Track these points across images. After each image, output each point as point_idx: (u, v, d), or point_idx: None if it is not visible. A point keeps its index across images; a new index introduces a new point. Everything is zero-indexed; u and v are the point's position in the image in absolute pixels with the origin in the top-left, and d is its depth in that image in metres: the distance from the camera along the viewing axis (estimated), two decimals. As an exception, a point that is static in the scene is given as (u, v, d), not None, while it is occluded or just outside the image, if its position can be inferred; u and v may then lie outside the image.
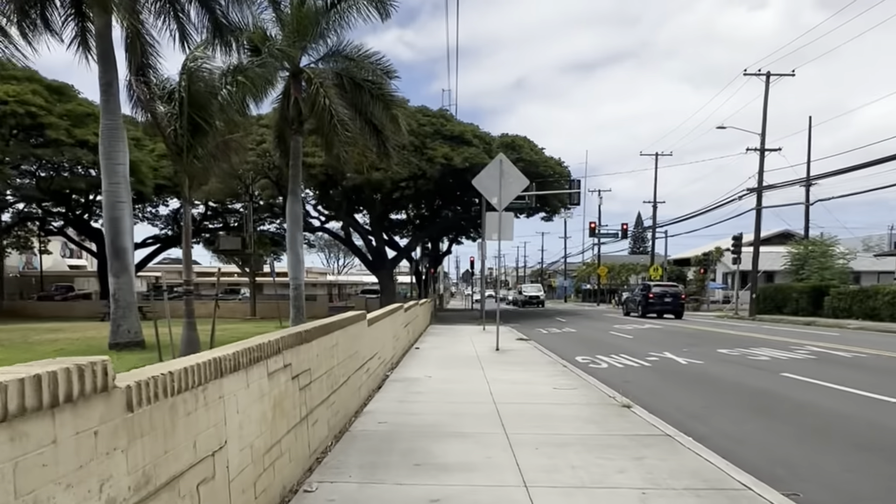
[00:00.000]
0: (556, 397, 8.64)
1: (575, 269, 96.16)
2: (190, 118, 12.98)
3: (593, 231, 62.70)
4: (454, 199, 41.17)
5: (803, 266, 39.16)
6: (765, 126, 36.43)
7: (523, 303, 64.05)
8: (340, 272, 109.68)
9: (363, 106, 22.35)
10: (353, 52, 22.49)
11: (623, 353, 15.37)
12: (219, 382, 3.22)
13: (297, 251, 22.15)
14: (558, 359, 13.78)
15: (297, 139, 21.86)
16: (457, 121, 37.05)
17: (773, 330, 24.68)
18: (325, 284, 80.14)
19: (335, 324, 6.25)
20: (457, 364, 12.50)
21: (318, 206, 45.75)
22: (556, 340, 20.40)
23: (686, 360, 13.95)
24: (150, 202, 49.00)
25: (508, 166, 15.80)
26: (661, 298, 35.13)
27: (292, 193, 22.12)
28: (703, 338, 20.52)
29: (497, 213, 15.77)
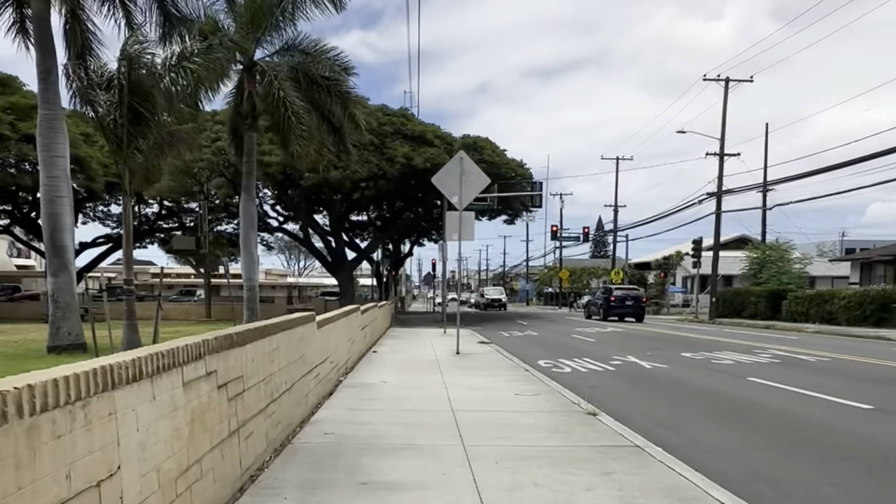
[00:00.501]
0: (518, 404, 8.15)
1: (537, 272, 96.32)
2: (131, 107, 12.19)
3: (555, 234, 62.71)
4: (415, 201, 40.60)
5: (761, 270, 39.51)
6: (724, 131, 36.68)
7: (485, 306, 63.74)
8: (301, 274, 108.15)
9: (320, 103, 21.68)
10: (310, 47, 21.82)
11: (586, 357, 14.98)
12: (108, 396, 2.63)
13: (252, 251, 21.38)
14: (520, 363, 13.32)
15: (251, 135, 21.09)
16: (418, 120, 36.50)
17: (733, 333, 24.64)
18: (286, 286, 78.96)
19: (275, 326, 5.65)
20: (415, 368, 11.94)
21: (276, 207, 44.82)
22: (518, 344, 19.96)
23: (650, 364, 13.60)
24: (101, 200, 47.49)
25: (469, 164, 15.32)
26: (623, 302, 35.04)
27: (246, 191, 21.34)
28: (665, 341, 20.30)
29: (457, 212, 15.28)
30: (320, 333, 8.24)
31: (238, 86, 21.36)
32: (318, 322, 8.19)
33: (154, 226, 51.24)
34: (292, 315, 6.84)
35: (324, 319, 8.76)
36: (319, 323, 8.26)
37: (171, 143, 13.56)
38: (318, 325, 8.16)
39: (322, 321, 8.51)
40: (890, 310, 27.90)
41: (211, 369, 3.92)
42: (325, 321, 8.82)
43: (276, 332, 5.62)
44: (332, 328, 9.58)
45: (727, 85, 36.34)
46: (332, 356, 9.46)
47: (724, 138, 36.57)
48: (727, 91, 36.31)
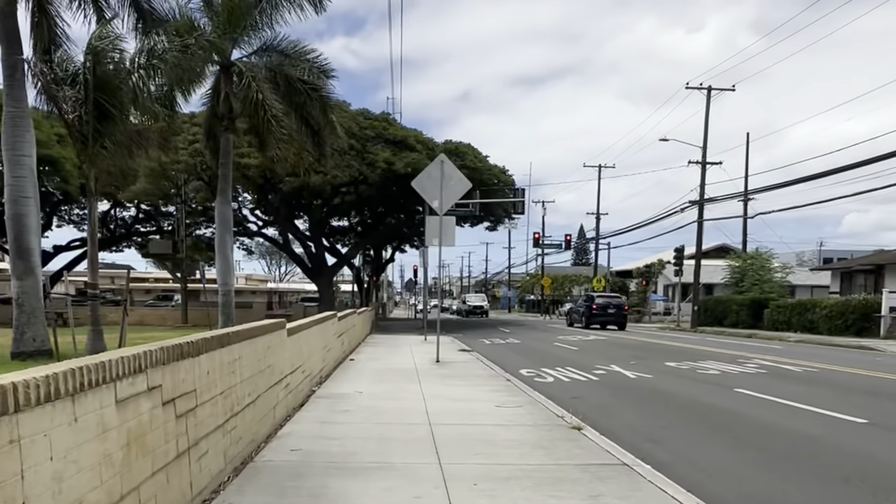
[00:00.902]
0: (499, 417, 7.75)
1: (519, 279, 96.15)
2: (97, 104, 11.67)
3: (537, 241, 62.59)
4: (397, 207, 40.16)
5: (742, 279, 39.47)
6: (706, 139, 36.68)
7: (467, 313, 63.31)
8: (282, 280, 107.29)
9: (300, 106, 21.22)
10: (289, 48, 21.37)
11: (569, 366, 14.62)
12: (9, 421, 2.19)
13: (227, 255, 20.83)
14: (502, 372, 12.93)
15: (227, 136, 20.57)
16: (399, 125, 36.14)
17: (717, 342, 24.43)
18: (266, 292, 78.27)
19: (237, 334, 5.21)
20: (392, 377, 11.50)
21: (255, 211, 44.22)
22: (500, 352, 19.58)
23: (634, 373, 13.26)
24: (77, 203, 46.63)
25: (450, 168, 14.94)
26: (605, 310, 34.79)
27: (222, 194, 20.80)
28: (648, 350, 20.00)
29: (438, 217, 14.88)
30: (291, 342, 7.79)
31: (214, 86, 20.87)
32: (289, 330, 7.75)
33: (131, 229, 50.41)
34: (259, 322, 6.40)
35: (295, 327, 8.32)
36: (290, 331, 7.81)
37: (139, 143, 13.03)
38: (289, 333, 7.71)
39: (293, 329, 8.06)
40: (871, 319, 27.87)
41: (154, 384, 3.48)
42: (297, 329, 8.38)
43: (237, 340, 5.18)
44: (305, 336, 9.13)
45: (709, 94, 36.36)
46: (305, 365, 9.01)
47: (706, 147, 36.56)
48: (709, 99, 36.34)
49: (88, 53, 11.85)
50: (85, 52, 12.06)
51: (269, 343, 6.47)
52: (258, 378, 5.92)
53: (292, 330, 7.99)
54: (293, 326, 8.14)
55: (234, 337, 5.06)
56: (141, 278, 79.25)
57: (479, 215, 40.21)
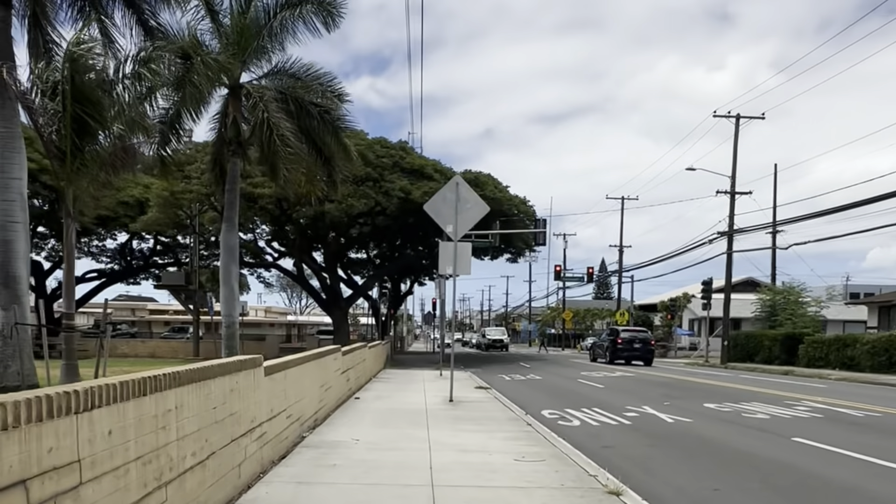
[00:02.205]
0: (518, 474, 6.42)
1: (539, 313, 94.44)
2: (76, 117, 10.68)
3: (559, 274, 61.10)
4: (415, 238, 39.10)
5: (774, 313, 37.70)
6: (735, 168, 35.25)
7: (486, 346, 61.74)
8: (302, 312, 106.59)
9: (312, 131, 20.28)
10: (301, 72, 20.46)
11: (596, 407, 13.21)
12: None
13: (232, 285, 19.72)
14: (521, 413, 11.59)
15: (234, 161, 19.62)
16: (417, 154, 35.18)
17: (752, 380, 22.77)
18: (285, 324, 77.47)
19: (174, 377, 3.99)
20: (397, 421, 10.20)
21: (272, 243, 43.44)
22: (520, 389, 18.19)
23: (671, 417, 11.82)
24: (96, 235, 46.24)
25: (466, 190, 13.77)
26: (630, 344, 33.18)
27: (228, 221, 19.77)
28: (681, 388, 18.48)
29: (452, 243, 13.67)
30: (269, 382, 6.56)
31: (223, 110, 20.01)
32: (268, 368, 6.52)
33: (149, 261, 49.90)
34: (219, 360, 5.19)
35: (278, 364, 7.09)
36: (270, 369, 6.58)
37: (125, 161, 12.00)
38: (267, 372, 6.48)
39: (274, 367, 6.83)
40: (918, 356, 26.07)
41: (-16, 459, 2.27)
42: (280, 366, 7.14)
43: (174, 385, 3.96)
44: (295, 374, 7.89)
45: (738, 122, 35.03)
46: (293, 409, 7.76)
47: (734, 176, 35.16)
48: (738, 128, 35.00)
49: (66, 61, 10.92)
50: (62, 59, 11.12)
51: (233, 385, 5.24)
52: (212, 431, 4.68)
53: (273, 368, 6.76)
54: (274, 364, 6.92)
55: (167, 381, 3.85)
56: (160, 310, 78.85)
57: (500, 247, 38.99)
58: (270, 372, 6.62)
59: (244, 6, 19.27)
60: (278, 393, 6.99)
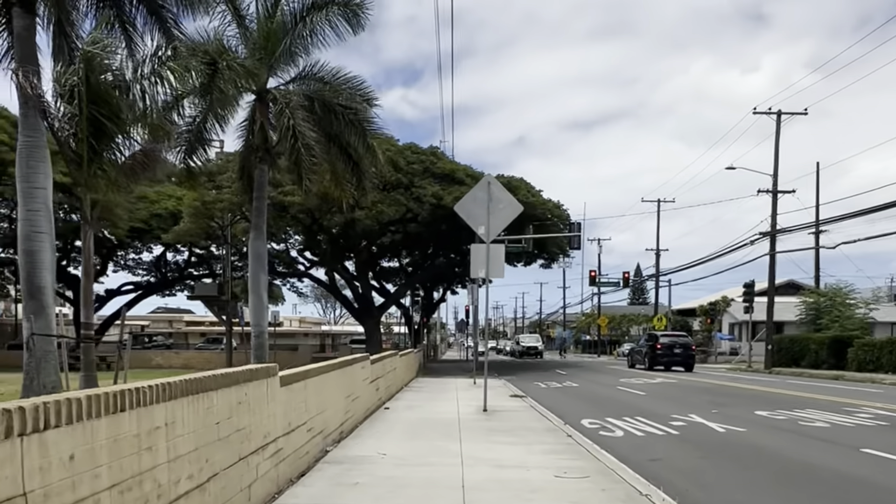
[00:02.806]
0: (560, 494, 5.80)
1: (574, 319, 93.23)
2: (93, 119, 10.36)
3: (593, 279, 60.08)
4: (448, 245, 38.57)
5: (819, 316, 36.31)
6: (776, 166, 34.11)
7: (520, 353, 60.90)
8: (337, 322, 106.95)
9: (339, 134, 19.91)
10: (329, 76, 20.10)
11: (639, 416, 12.48)
12: None
13: (261, 294, 19.35)
14: (560, 423, 10.93)
15: (261, 168, 19.30)
16: (448, 159, 34.67)
17: (802, 385, 21.74)
18: (319, 334, 77.75)
19: (165, 388, 3.47)
20: (429, 432, 9.63)
21: (304, 252, 43.34)
22: (557, 397, 17.51)
23: (721, 425, 11.05)
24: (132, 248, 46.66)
25: (498, 189, 13.19)
26: (670, 349, 32.16)
27: (255, 229, 19.43)
28: (728, 395, 17.61)
29: (484, 245, 13.08)
30: (287, 393, 6.04)
31: (250, 116, 19.77)
32: (285, 378, 6.00)
33: (184, 273, 50.23)
34: (227, 370, 4.68)
35: (297, 374, 6.57)
36: (287, 378, 6.07)
37: (145, 165, 11.66)
38: (284, 382, 5.97)
39: (292, 376, 6.32)
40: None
41: None
42: (300, 376, 6.63)
43: (160, 399, 3.44)
44: (316, 384, 7.38)
45: (779, 118, 33.91)
46: (315, 421, 7.24)
47: (776, 174, 34.02)
48: (779, 125, 33.88)
49: (81, 61, 10.62)
50: (78, 59, 10.83)
51: (241, 398, 4.72)
52: (214, 449, 4.16)
53: (291, 377, 6.25)
54: (293, 373, 6.40)
55: (153, 393, 3.33)
56: (197, 322, 79.68)
57: (533, 252, 38.26)
58: (288, 382, 6.11)
59: (271, 10, 19.00)
60: (297, 404, 6.47)
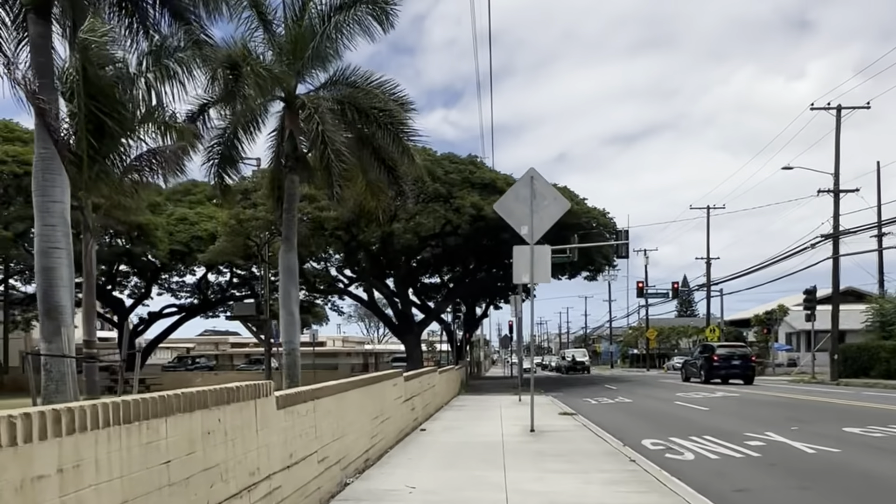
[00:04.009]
0: (631, 541, 4.53)
1: (620, 333, 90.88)
2: (92, 116, 9.47)
3: (641, 291, 58.13)
4: (489, 259, 37.32)
5: (890, 323, 33.94)
6: (837, 164, 31.99)
7: (567, 369, 59.05)
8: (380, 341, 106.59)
9: (372, 138, 18.95)
10: (361, 80, 19.13)
11: (707, 435, 11.04)
12: None
13: (292, 310, 18.36)
14: (618, 445, 9.59)
15: (292, 178, 18.37)
16: (487, 168, 33.44)
17: (884, 398, 19.77)
18: (362, 353, 77.40)
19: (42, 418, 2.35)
20: (467, 459, 8.39)
21: (343, 270, 42.63)
22: (610, 414, 16.08)
23: (808, 445, 9.55)
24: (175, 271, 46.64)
25: (542, 185, 11.93)
26: (728, 361, 30.24)
27: (286, 242, 18.50)
28: (802, 409, 15.94)
29: (528, 246, 11.84)
30: (287, 417, 4.89)
31: (279, 125, 18.94)
32: (285, 398, 4.86)
33: (227, 294, 50.06)
34: (185, 390, 3.54)
35: (302, 393, 5.42)
36: (287, 399, 4.92)
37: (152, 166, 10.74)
38: (284, 403, 4.83)
39: (295, 396, 5.17)
40: None
41: None
42: (306, 395, 5.47)
43: (62, 432, 2.31)
44: (331, 405, 6.22)
45: (839, 113, 31.89)
46: (329, 449, 6.08)
47: (838, 172, 31.92)
48: (839, 120, 31.84)
49: (76, 51, 9.76)
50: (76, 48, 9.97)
51: (211, 425, 3.58)
52: (157, 500, 3.02)
53: (293, 398, 5.10)
54: (295, 393, 5.25)
55: (44, 424, 2.21)
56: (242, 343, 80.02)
57: (578, 263, 36.72)
58: (289, 403, 4.96)
59: (298, 13, 18.18)
60: (303, 430, 5.32)
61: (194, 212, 41.46)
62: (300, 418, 5.27)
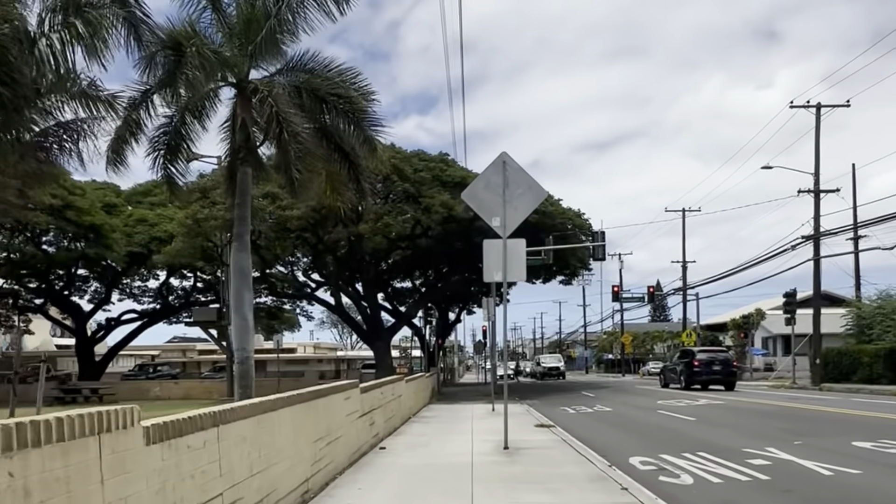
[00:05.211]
0: None
1: (594, 339, 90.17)
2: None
3: (616, 295, 57.17)
4: (462, 262, 35.99)
5: (870, 326, 33.23)
6: (818, 164, 31.22)
7: (542, 375, 57.93)
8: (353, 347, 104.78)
9: (331, 128, 17.56)
10: (320, 67, 17.70)
11: (702, 451, 9.80)
12: None
13: (245, 314, 16.78)
14: (604, 465, 8.31)
15: (244, 171, 16.86)
16: (459, 166, 32.15)
17: (877, 405, 18.75)
18: (334, 360, 75.72)
19: None
20: (429, 487, 7.03)
21: (310, 274, 41.14)
22: (591, 426, 14.84)
23: (822, 465, 8.33)
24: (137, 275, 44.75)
25: (516, 171, 10.60)
26: (709, 366, 29.21)
27: (238, 239, 16.94)
28: (797, 419, 14.80)
29: (500, 241, 10.51)
30: (165, 456, 3.50)
31: (232, 112, 17.46)
32: (156, 429, 3.46)
33: (191, 299, 48.20)
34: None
35: (195, 419, 4.02)
36: (162, 430, 3.53)
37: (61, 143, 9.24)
38: (155, 437, 3.43)
39: (176, 425, 3.76)
40: None
41: None
42: (200, 422, 4.06)
43: None
44: (247, 430, 4.83)
45: (818, 112, 31.16)
46: (244, 487, 4.67)
47: (818, 172, 31.14)
48: (819, 119, 31.10)
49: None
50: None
51: None
52: None
53: (178, 426, 3.70)
54: (190, 418, 3.85)
55: None
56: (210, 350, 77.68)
57: (553, 266, 35.54)
58: (171, 434, 3.56)
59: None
60: (197, 469, 3.92)
61: (154, 213, 39.64)
62: (191, 453, 3.87)
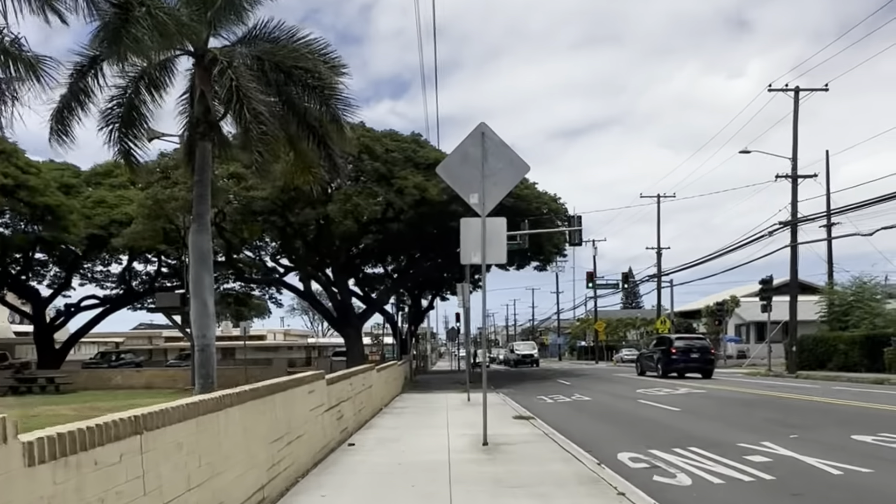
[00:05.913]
0: None
1: (567, 326, 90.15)
2: None
3: (591, 280, 56.83)
4: (435, 247, 35.17)
5: (846, 313, 33.10)
6: (795, 149, 30.87)
7: (516, 362, 57.44)
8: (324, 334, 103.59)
9: (298, 102, 16.55)
10: (286, 37, 16.61)
11: (694, 445, 9.13)
12: None
13: (205, 299, 15.80)
14: (593, 464, 7.60)
15: (204, 146, 15.81)
16: (432, 147, 31.20)
17: (858, 393, 18.33)
18: (305, 347, 74.60)
19: None
20: (401, 494, 6.23)
21: (279, 258, 40.02)
22: (571, 417, 14.17)
23: (826, 462, 7.68)
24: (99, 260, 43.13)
25: (496, 144, 9.76)
26: (687, 354, 28.78)
27: (198, 219, 15.92)
28: (786, 410, 14.25)
29: (479, 219, 9.69)
30: (58, 477, 2.64)
31: (190, 84, 16.38)
32: (43, 444, 2.61)
33: (155, 284, 46.67)
34: None
35: (108, 427, 3.16)
36: (55, 445, 2.67)
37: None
38: (42, 455, 2.57)
39: (77, 435, 2.91)
40: None
41: None
42: (118, 430, 3.21)
43: None
44: (182, 435, 3.98)
45: (797, 95, 30.76)
46: (182, 502, 3.84)
47: (796, 157, 30.79)
48: (797, 103, 30.72)
49: None
50: None
51: None
52: None
53: (82, 437, 2.84)
54: (101, 426, 2.99)
55: None
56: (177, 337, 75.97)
57: (528, 252, 34.89)
58: (66, 450, 2.70)
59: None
60: (110, 489, 3.07)
61: (115, 195, 38.11)
62: (101, 471, 3.01)
